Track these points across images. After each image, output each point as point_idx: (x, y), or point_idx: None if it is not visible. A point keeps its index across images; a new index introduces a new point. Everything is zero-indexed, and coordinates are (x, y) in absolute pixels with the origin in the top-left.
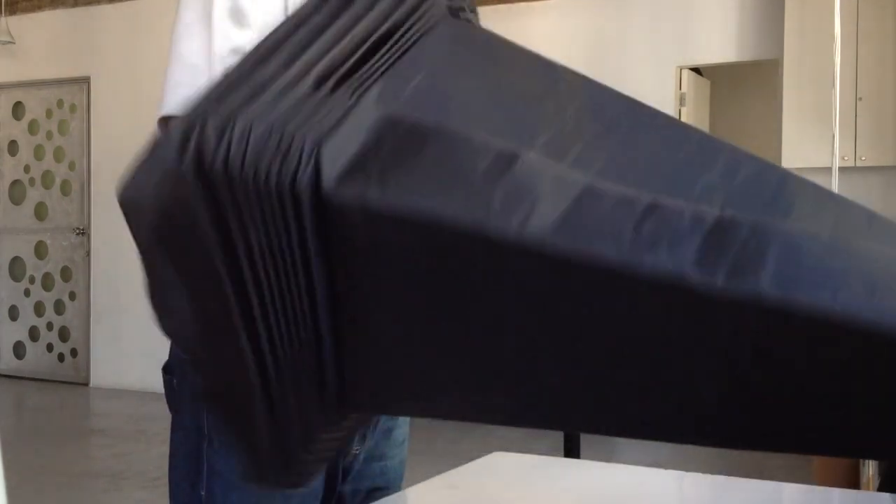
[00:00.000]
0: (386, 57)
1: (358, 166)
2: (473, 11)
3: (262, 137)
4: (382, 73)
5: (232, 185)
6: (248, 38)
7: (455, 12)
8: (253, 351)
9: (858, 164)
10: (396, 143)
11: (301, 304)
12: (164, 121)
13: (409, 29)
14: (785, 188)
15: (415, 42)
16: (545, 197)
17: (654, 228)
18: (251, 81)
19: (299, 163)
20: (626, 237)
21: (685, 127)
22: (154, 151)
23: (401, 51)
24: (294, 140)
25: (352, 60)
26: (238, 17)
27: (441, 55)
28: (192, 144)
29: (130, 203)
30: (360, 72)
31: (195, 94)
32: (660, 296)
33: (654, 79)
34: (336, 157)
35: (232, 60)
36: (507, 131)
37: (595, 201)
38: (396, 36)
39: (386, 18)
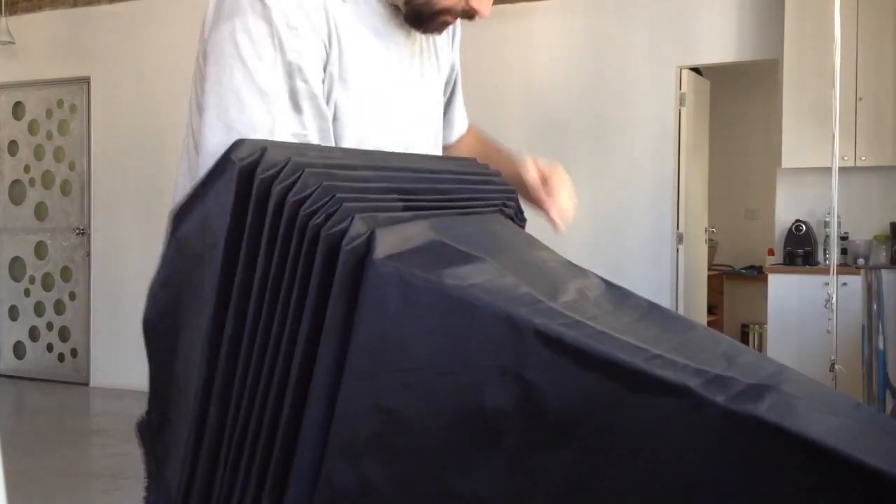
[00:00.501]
0: (449, 208)
1: (404, 255)
2: (523, 220)
3: (319, 196)
4: (441, 214)
5: (265, 206)
6: (301, 125)
7: (505, 212)
8: (204, 387)
9: (858, 164)
10: (441, 254)
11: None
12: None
13: (474, 204)
14: (781, 372)
15: (473, 213)
16: (562, 320)
17: (662, 364)
18: (332, 159)
19: (347, 230)
20: (639, 358)
21: (692, 321)
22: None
23: (462, 211)
24: (346, 213)
25: (426, 197)
26: (295, 101)
27: (489, 226)
28: (262, 162)
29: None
30: (426, 205)
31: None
32: (666, 399)
33: (654, 79)
34: (387, 242)
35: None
36: (534, 283)
37: (608, 339)
38: (464, 203)
39: (463, 188)
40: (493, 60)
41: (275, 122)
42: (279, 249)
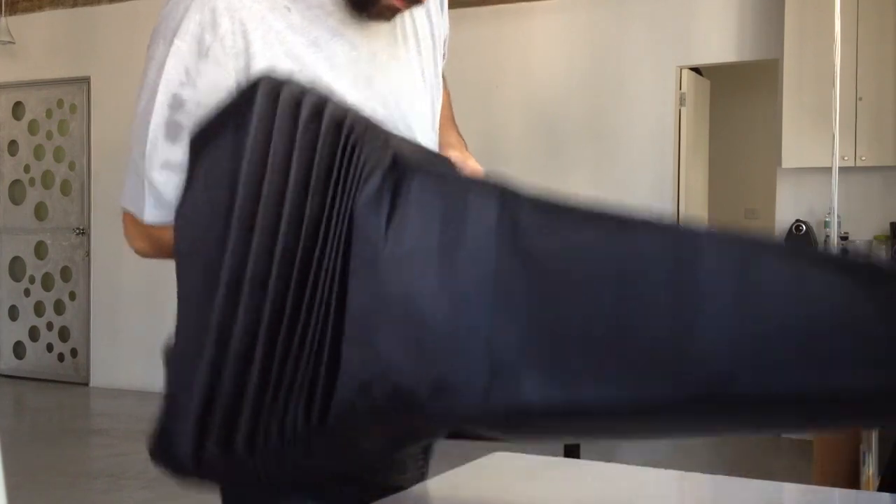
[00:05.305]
0: None
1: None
2: None
3: (363, 127)
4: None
5: (306, 130)
6: (181, 153)
7: None
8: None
9: (858, 164)
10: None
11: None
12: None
13: None
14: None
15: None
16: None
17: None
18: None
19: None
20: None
21: None
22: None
23: None
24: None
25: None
26: (173, 130)
27: None
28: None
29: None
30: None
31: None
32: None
33: (654, 79)
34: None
35: (163, 175)
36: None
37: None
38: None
39: None
40: (493, 60)
41: (152, 143)
42: (336, 168)
